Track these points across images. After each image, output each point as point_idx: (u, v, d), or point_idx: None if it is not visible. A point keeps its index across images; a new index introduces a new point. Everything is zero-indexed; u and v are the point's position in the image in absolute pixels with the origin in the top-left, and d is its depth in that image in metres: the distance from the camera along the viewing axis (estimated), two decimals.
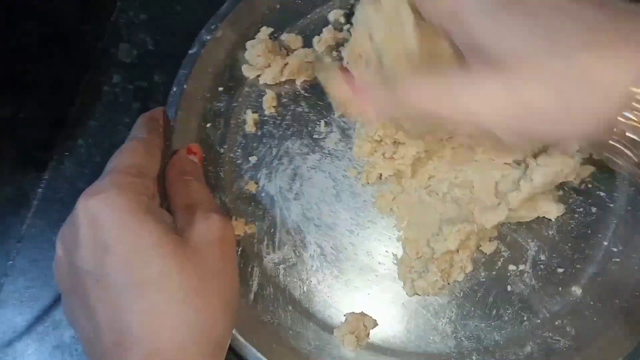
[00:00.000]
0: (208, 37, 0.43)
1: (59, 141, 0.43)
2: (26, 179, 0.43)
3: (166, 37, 0.45)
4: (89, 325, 0.31)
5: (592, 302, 0.40)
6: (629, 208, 0.42)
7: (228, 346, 0.33)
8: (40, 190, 0.42)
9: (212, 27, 0.43)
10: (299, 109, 0.44)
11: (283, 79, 0.44)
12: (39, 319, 0.40)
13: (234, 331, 0.37)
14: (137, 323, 0.29)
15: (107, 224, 0.30)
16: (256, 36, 0.45)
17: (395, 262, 0.41)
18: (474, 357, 0.39)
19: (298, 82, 0.44)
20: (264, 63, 0.44)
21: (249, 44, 0.44)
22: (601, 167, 0.42)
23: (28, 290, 0.40)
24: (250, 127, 0.43)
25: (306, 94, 0.44)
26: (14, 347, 0.39)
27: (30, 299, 0.40)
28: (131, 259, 0.30)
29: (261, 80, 0.44)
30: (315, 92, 0.44)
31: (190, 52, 0.42)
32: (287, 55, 0.44)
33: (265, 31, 0.45)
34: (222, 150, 0.43)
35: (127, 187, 0.32)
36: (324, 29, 0.45)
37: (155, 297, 0.30)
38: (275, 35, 0.45)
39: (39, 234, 0.42)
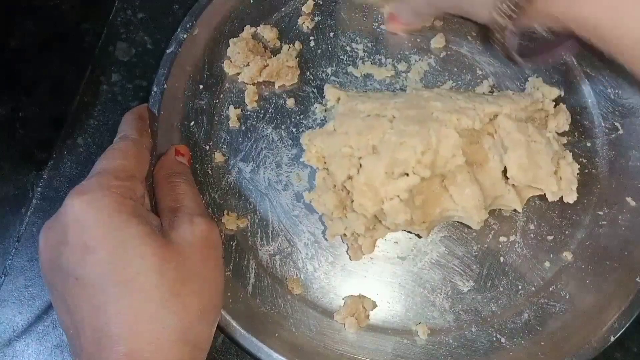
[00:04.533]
0: (184, 36, 0.43)
1: (59, 140, 0.43)
2: (26, 178, 0.43)
3: (164, 36, 0.44)
4: (69, 320, 0.31)
5: (583, 266, 0.41)
6: (611, 172, 0.43)
7: (209, 348, 0.33)
8: (39, 189, 0.42)
9: (188, 25, 0.43)
10: (281, 102, 0.44)
11: (261, 80, 0.44)
12: (38, 318, 0.40)
13: (235, 323, 0.37)
14: (115, 323, 0.29)
15: (91, 225, 0.31)
16: (240, 34, 0.45)
17: (388, 243, 0.41)
18: (473, 329, 0.40)
19: (276, 85, 0.44)
20: (243, 61, 0.44)
21: (232, 41, 0.44)
22: (580, 136, 0.44)
23: (27, 289, 0.40)
24: (233, 123, 0.43)
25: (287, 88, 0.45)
26: (13, 347, 0.39)
27: (30, 298, 0.40)
28: (112, 259, 0.30)
29: (240, 79, 0.44)
30: (296, 92, 0.45)
31: (167, 51, 0.42)
32: (270, 57, 0.44)
33: (248, 30, 0.45)
34: (207, 148, 0.43)
35: (114, 189, 0.32)
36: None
37: (132, 297, 0.30)
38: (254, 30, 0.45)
39: (38, 232, 0.41)
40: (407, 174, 0.35)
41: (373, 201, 0.36)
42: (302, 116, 0.44)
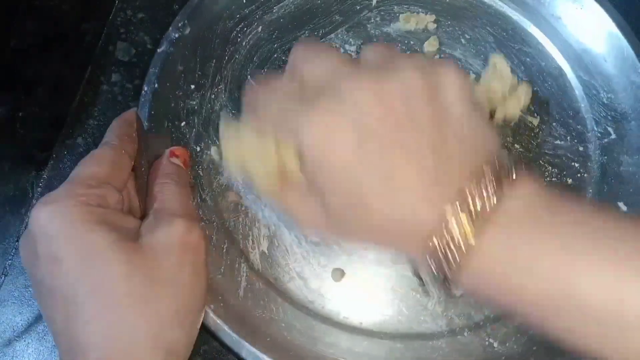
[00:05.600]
0: (176, 35, 0.42)
1: (58, 140, 0.43)
2: (25, 178, 0.42)
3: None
4: (50, 329, 0.31)
5: None
6: (603, 177, 0.43)
7: (188, 354, 0.32)
8: (39, 189, 0.42)
9: (180, 24, 0.42)
10: None
11: None
12: (38, 318, 0.39)
13: (226, 327, 0.36)
14: (85, 332, 0.29)
15: (57, 235, 0.30)
16: None
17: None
18: (465, 334, 0.39)
19: None
20: None
21: None
22: (572, 140, 0.44)
23: (27, 289, 0.40)
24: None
25: None
26: (13, 347, 0.39)
27: (30, 298, 0.40)
28: (77, 268, 0.30)
29: None
30: None
31: (158, 50, 0.42)
32: None
33: None
34: (198, 149, 0.42)
35: (80, 197, 0.32)
36: None
37: (101, 306, 0.29)
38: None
39: None
40: None
41: None
42: None
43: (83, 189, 0.32)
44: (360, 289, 0.40)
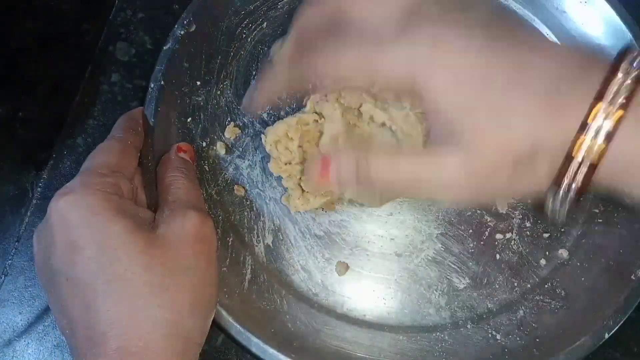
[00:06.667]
0: (181, 32, 0.43)
1: (58, 140, 0.43)
2: (25, 178, 0.43)
3: (165, 36, 0.44)
4: (64, 320, 0.32)
5: (579, 263, 0.41)
6: None
7: (203, 342, 0.33)
8: (39, 189, 0.42)
9: (185, 21, 0.43)
10: (278, 100, 0.44)
11: None
12: (38, 318, 0.40)
13: (231, 319, 0.37)
14: (105, 320, 0.30)
15: (76, 224, 0.31)
16: None
17: (384, 239, 0.41)
18: (468, 326, 0.40)
19: None
20: None
21: None
22: None
23: (27, 289, 0.40)
24: (230, 119, 0.43)
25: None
26: (13, 347, 0.39)
27: (30, 298, 0.40)
28: (99, 257, 0.30)
29: None
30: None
31: (164, 47, 0.42)
32: None
33: None
34: (204, 144, 0.43)
35: (96, 186, 0.32)
36: None
37: (121, 294, 0.30)
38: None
39: None
40: None
41: None
42: (298, 111, 0.44)
43: (97, 178, 0.33)
44: (364, 282, 0.41)
